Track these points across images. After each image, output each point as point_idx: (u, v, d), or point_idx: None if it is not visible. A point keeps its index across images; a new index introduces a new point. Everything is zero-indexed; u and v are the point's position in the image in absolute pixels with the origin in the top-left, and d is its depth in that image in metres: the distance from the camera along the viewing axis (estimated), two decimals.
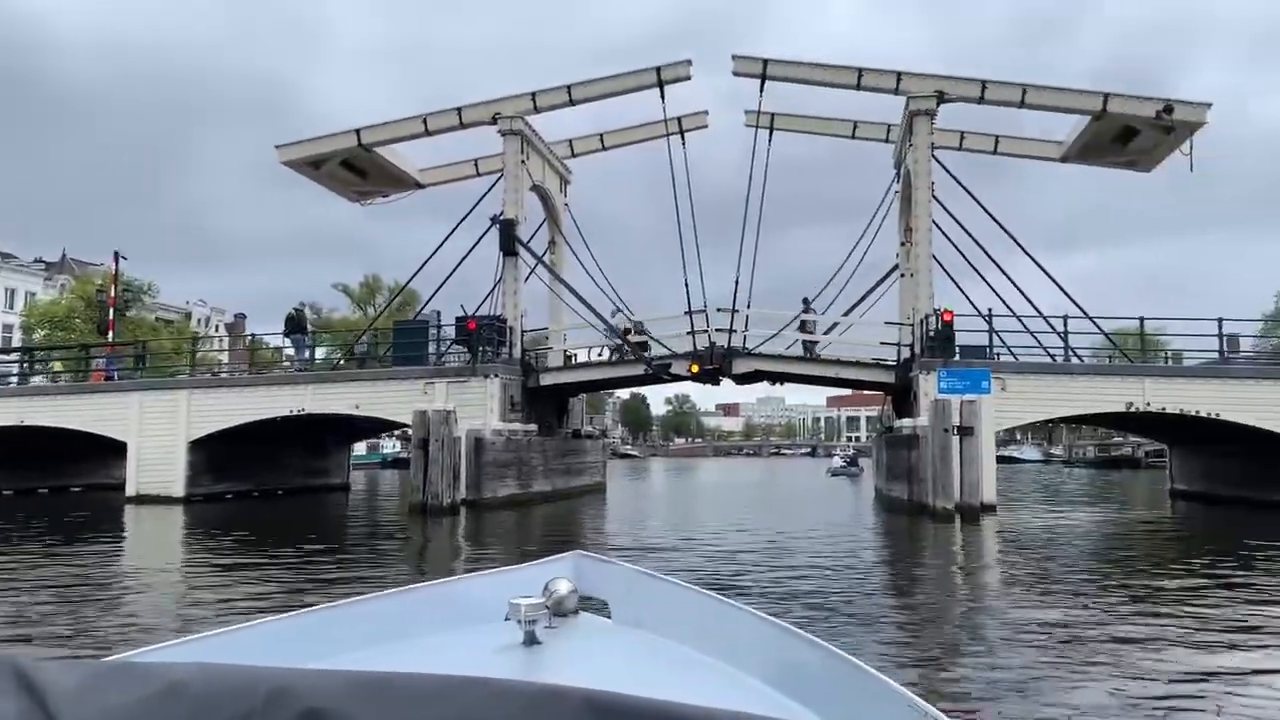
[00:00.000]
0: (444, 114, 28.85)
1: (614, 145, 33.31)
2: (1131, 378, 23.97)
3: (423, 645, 2.49)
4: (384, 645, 2.41)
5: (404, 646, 2.44)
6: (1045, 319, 25.67)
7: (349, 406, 26.84)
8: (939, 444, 20.74)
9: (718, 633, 2.50)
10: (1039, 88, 26.28)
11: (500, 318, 27.59)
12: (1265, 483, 25.23)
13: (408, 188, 33.16)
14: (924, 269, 26.13)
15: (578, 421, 33.68)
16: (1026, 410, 24.52)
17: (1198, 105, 25.66)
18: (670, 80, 27.99)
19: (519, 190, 28.32)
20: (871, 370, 27.49)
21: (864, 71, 27.17)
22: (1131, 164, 29.78)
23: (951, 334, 24.08)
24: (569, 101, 28.46)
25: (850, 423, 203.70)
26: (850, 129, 32.20)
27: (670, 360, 27.61)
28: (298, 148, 29.69)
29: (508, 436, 25.57)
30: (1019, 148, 30.85)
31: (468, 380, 25.87)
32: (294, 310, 28.63)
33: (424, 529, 20.92)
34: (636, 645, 2.63)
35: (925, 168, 26.45)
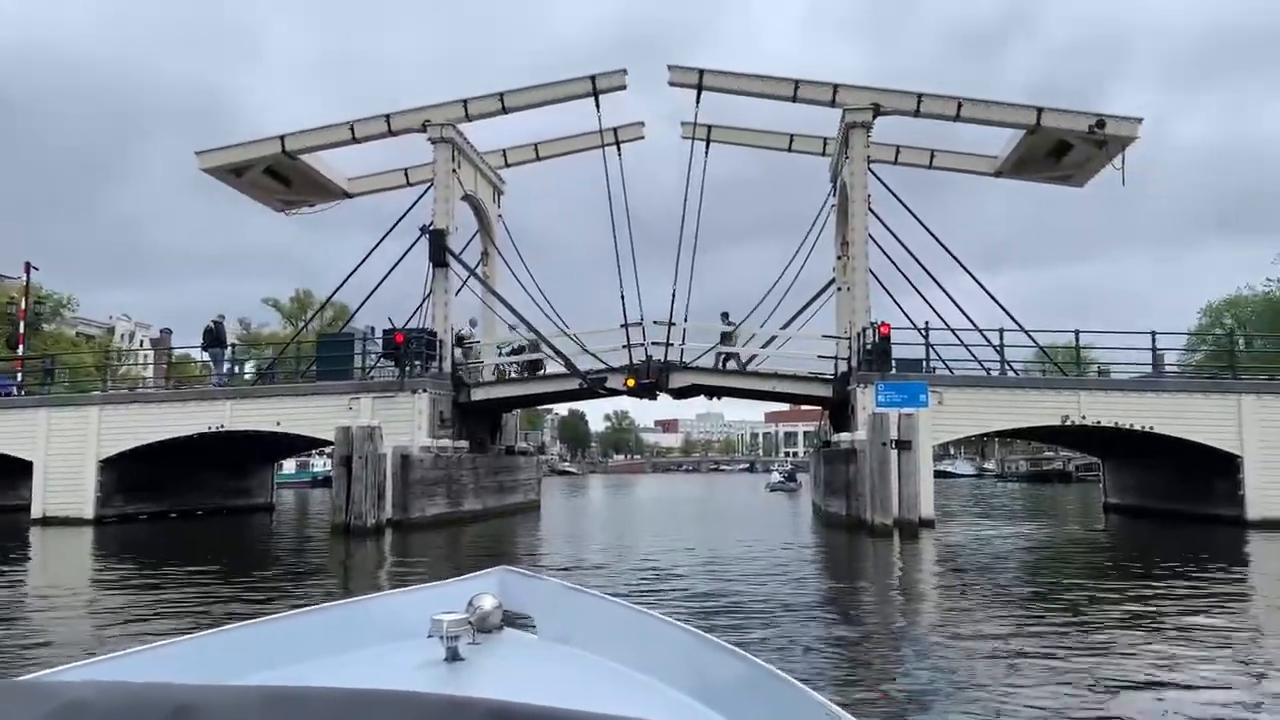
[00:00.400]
0: (372, 120, 28.00)
1: (549, 156, 32.69)
2: (1067, 391, 23.94)
3: (341, 662, 2.45)
4: (302, 663, 2.38)
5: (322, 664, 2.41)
6: (981, 332, 25.58)
7: (270, 423, 25.76)
8: (877, 458, 20.40)
9: (644, 647, 2.50)
10: (974, 101, 26.27)
11: (430, 331, 26.74)
12: (1196, 495, 25.38)
13: (335, 197, 32.16)
14: (860, 282, 25.90)
15: (511, 438, 32.87)
16: (963, 424, 24.36)
17: (1129, 120, 25.86)
18: (605, 89, 27.51)
19: (450, 200, 27.55)
20: (809, 384, 27.16)
21: (800, 84, 26.94)
22: (1065, 179, 29.97)
23: (888, 347, 23.84)
24: (501, 109, 27.80)
25: (788, 438, 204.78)
26: (787, 142, 31.99)
27: (606, 374, 26.99)
28: (219, 154, 28.59)
29: (436, 454, 24.71)
30: (954, 162, 30.89)
31: (395, 395, 24.98)
32: (212, 323, 27.43)
33: (346, 551, 19.99)
34: (560, 660, 2.63)
35: (861, 180, 26.27)
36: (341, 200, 32.37)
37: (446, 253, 27.08)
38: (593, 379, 26.69)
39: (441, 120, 27.56)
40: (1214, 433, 23.35)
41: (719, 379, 27.13)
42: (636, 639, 2.55)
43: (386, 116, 27.95)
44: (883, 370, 23.62)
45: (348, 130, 28.06)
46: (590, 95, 27.55)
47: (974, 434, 26.02)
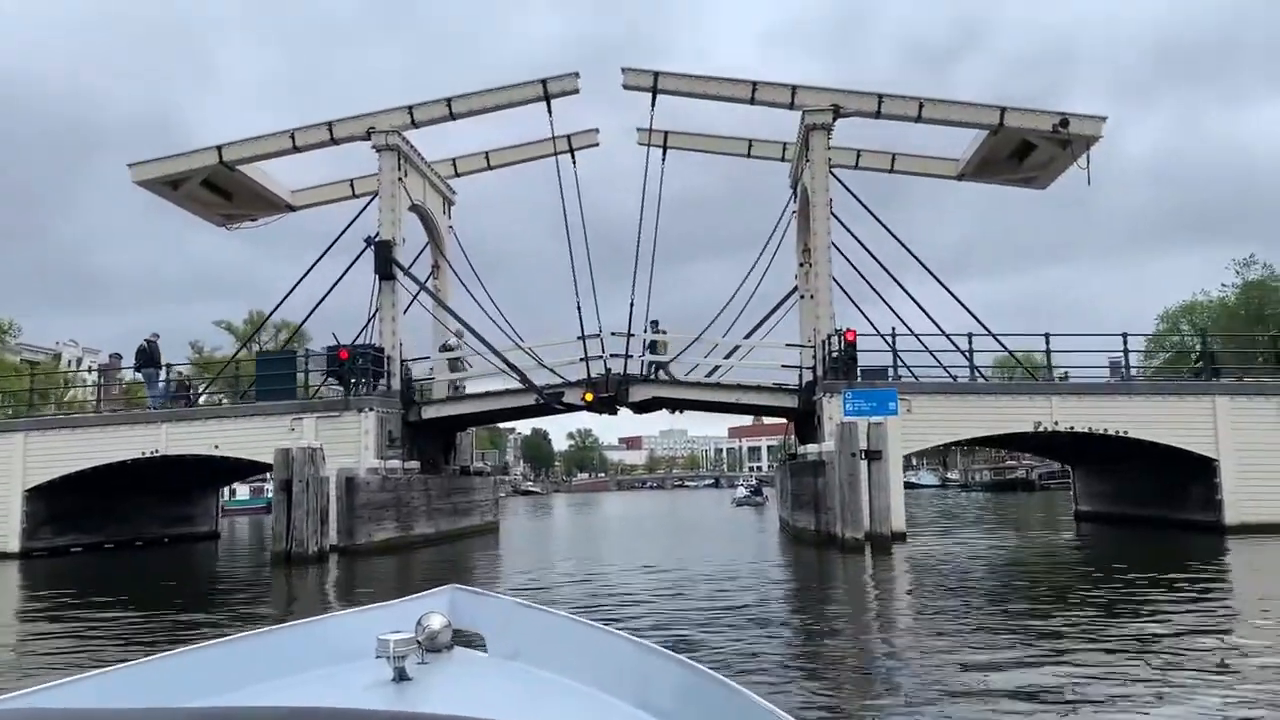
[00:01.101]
0: (314, 129, 26.81)
1: (501, 165, 31.62)
2: (1039, 397, 23.23)
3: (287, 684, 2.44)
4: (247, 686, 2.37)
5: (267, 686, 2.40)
6: (949, 338, 24.84)
7: (208, 447, 24.42)
8: (846, 469, 19.48)
9: (594, 661, 2.52)
10: (936, 101, 25.63)
11: (377, 347, 25.52)
12: (1171, 501, 24.76)
13: (278, 210, 30.86)
14: (824, 288, 25.08)
15: (467, 457, 31.64)
16: (933, 432, 23.55)
17: (1093, 119, 25.32)
18: (557, 94, 26.53)
19: (396, 210, 26.39)
20: (774, 395, 26.25)
21: (758, 85, 26.14)
22: (1028, 181, 29.41)
23: (855, 354, 23.04)
24: (449, 115, 26.72)
25: (752, 453, 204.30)
26: (745, 147, 31.21)
27: (563, 389, 25.91)
28: (153, 166, 27.22)
29: (384, 475, 23.46)
30: (916, 165, 30.25)
31: (340, 415, 23.75)
32: (145, 342, 25.97)
33: (287, 579, 18.76)
34: (509, 677, 2.64)
35: (823, 183, 25.49)
36: (285, 213, 31.07)
37: (393, 265, 25.90)
38: (549, 394, 25.59)
39: (386, 127, 26.44)
40: (1189, 436, 22.71)
41: (681, 391, 26.15)
42: (587, 653, 2.55)
43: (329, 124, 26.77)
44: (849, 378, 22.78)
45: (288, 139, 26.83)
46: (542, 100, 26.55)
47: (944, 443, 25.26)
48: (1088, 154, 25.64)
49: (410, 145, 27.60)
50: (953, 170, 29.65)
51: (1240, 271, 61.47)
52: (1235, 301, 61.40)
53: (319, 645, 2.65)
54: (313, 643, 2.65)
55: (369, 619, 2.78)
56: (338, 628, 2.76)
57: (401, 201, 26.87)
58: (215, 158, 26.94)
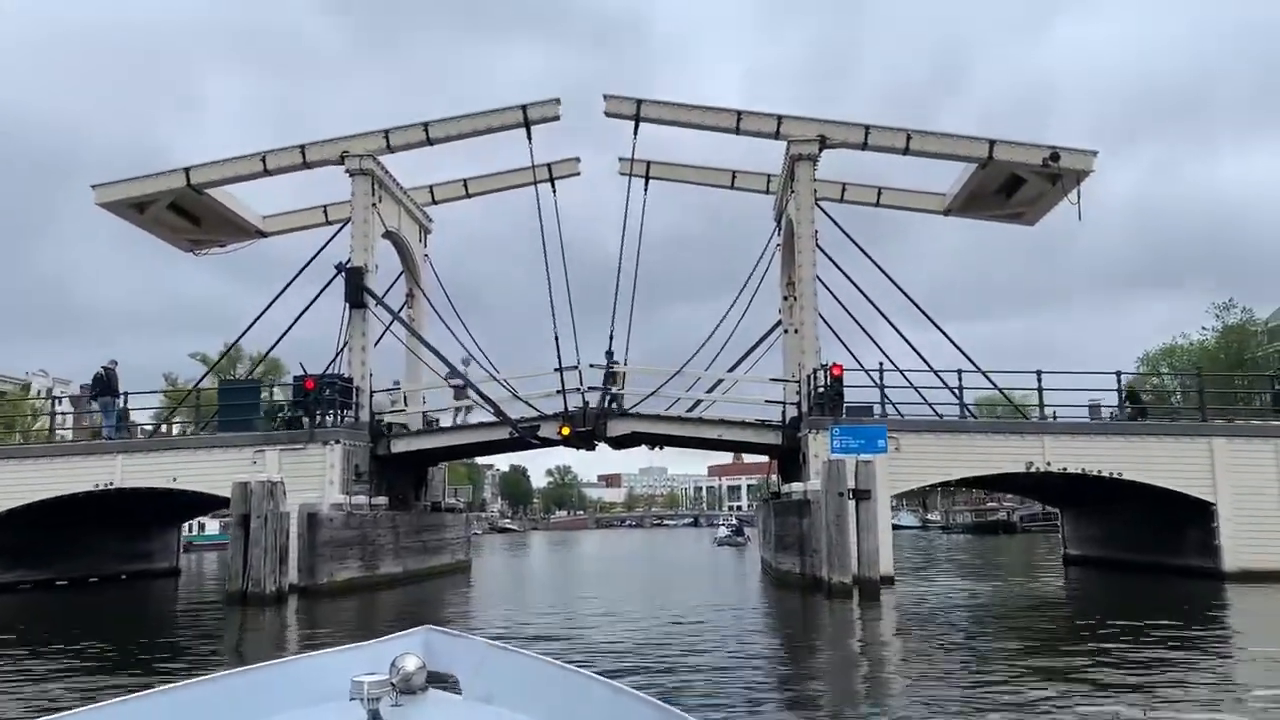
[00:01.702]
0: (285, 152, 25.95)
1: (480, 192, 30.84)
2: (1031, 436, 22.47)
3: None
4: None
5: None
6: (938, 374, 24.09)
7: (165, 480, 23.28)
8: (833, 510, 18.58)
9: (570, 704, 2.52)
10: (924, 133, 25.08)
11: (345, 377, 24.52)
12: (1166, 546, 23.99)
13: (248, 236, 29.93)
14: (809, 322, 24.32)
15: (438, 493, 30.54)
16: (922, 472, 22.72)
17: (1084, 153, 24.82)
18: (538, 120, 25.82)
19: (369, 235, 25.51)
20: (757, 431, 25.38)
21: (743, 115, 25.51)
22: (1016, 216, 28.87)
23: (841, 389, 22.23)
24: (426, 140, 25.94)
25: (732, 491, 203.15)
26: (729, 179, 30.56)
27: (538, 422, 24.96)
28: (117, 188, 26.27)
29: (349, 511, 22.39)
30: (902, 200, 29.66)
31: (304, 448, 22.70)
32: (102, 369, 24.83)
33: (241, 621, 17.66)
34: None
35: (808, 215, 24.83)
36: (255, 240, 30.15)
37: (364, 292, 24.98)
38: (524, 427, 24.63)
39: (361, 151, 25.62)
40: (1185, 479, 21.97)
41: (661, 426, 25.24)
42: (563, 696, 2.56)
43: (301, 147, 25.92)
44: (835, 414, 21.96)
45: (259, 162, 25.95)
46: (522, 126, 25.83)
47: (933, 483, 24.44)
48: (1078, 189, 25.13)
49: (385, 170, 26.79)
50: (939, 205, 29.10)
51: (1220, 315, 61.54)
52: (1215, 345, 61.28)
53: (292, 686, 2.63)
54: (286, 684, 2.63)
55: (343, 660, 2.76)
56: (311, 669, 2.74)
57: (375, 227, 26.01)
58: (183, 180, 26.04)
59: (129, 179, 26.27)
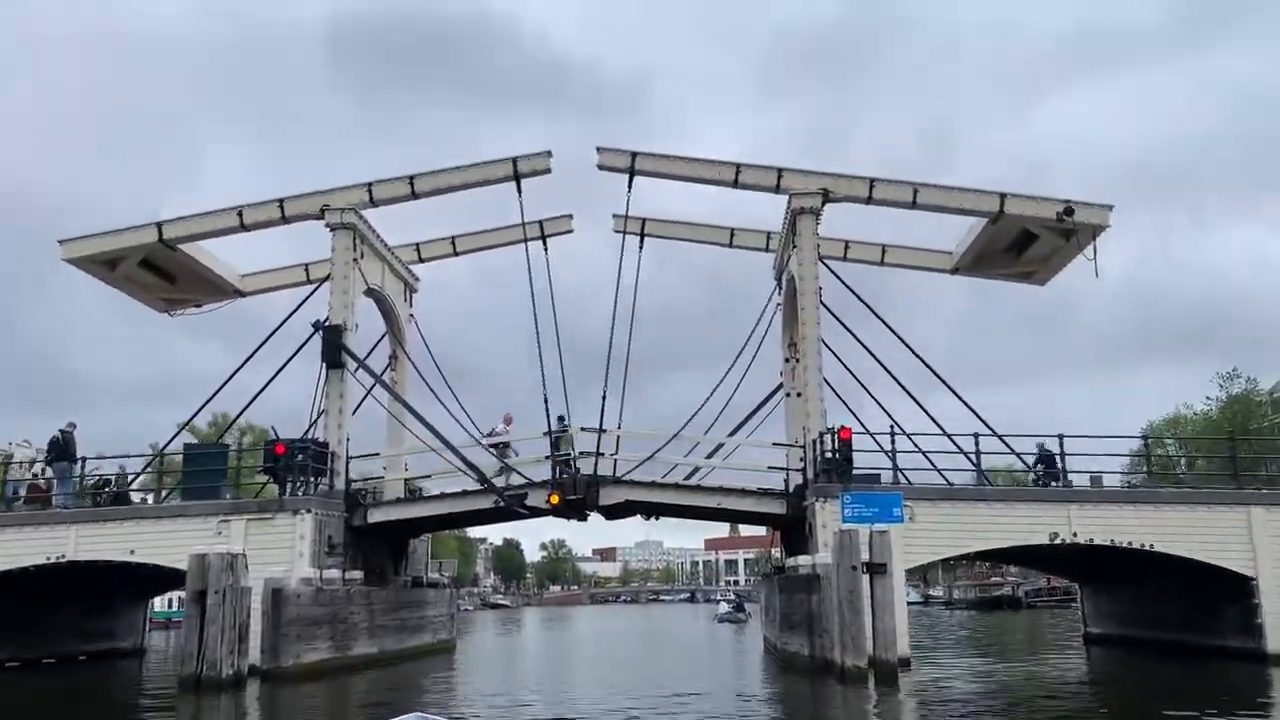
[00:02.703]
0: (263, 206, 24.77)
1: (468, 250, 29.62)
2: (1054, 505, 20.89)
3: None
4: None
5: None
6: (952, 439, 22.59)
7: (122, 552, 21.59)
8: (846, 585, 16.93)
9: None
10: (931, 186, 23.99)
11: (320, 442, 22.99)
12: (1200, 625, 22.28)
13: (226, 296, 28.60)
14: (813, 383, 22.92)
15: (420, 567, 28.75)
16: (939, 544, 21.07)
17: (1100, 207, 23.67)
18: (528, 173, 24.73)
19: (349, 292, 24.20)
20: (759, 499, 23.76)
21: (742, 167, 24.45)
22: (1027, 275, 27.66)
23: (850, 455, 20.72)
24: (410, 194, 24.80)
25: (729, 566, 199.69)
26: (727, 236, 29.37)
27: (526, 490, 23.36)
28: (85, 243, 24.99)
29: (319, 587, 20.66)
30: (907, 258, 28.46)
31: (273, 517, 21.09)
32: (59, 432, 23.27)
33: (194, 712, 15.87)
34: None
35: (811, 271, 23.59)
36: (233, 299, 28.82)
37: (342, 351, 23.57)
38: (510, 496, 23.03)
39: (342, 204, 24.44)
40: (1222, 551, 20.37)
41: (657, 494, 23.66)
42: None
43: (280, 201, 24.76)
44: (844, 481, 20.44)
45: (235, 216, 24.75)
46: (511, 179, 24.73)
47: (949, 556, 22.81)
48: (1094, 244, 23.95)
49: (368, 225, 25.60)
50: (947, 263, 27.90)
51: (1224, 385, 60.36)
52: (1220, 415, 60.00)
53: None
54: None
55: None
56: None
57: (355, 284, 24.72)
58: (154, 235, 24.78)
59: (98, 234, 25.02)
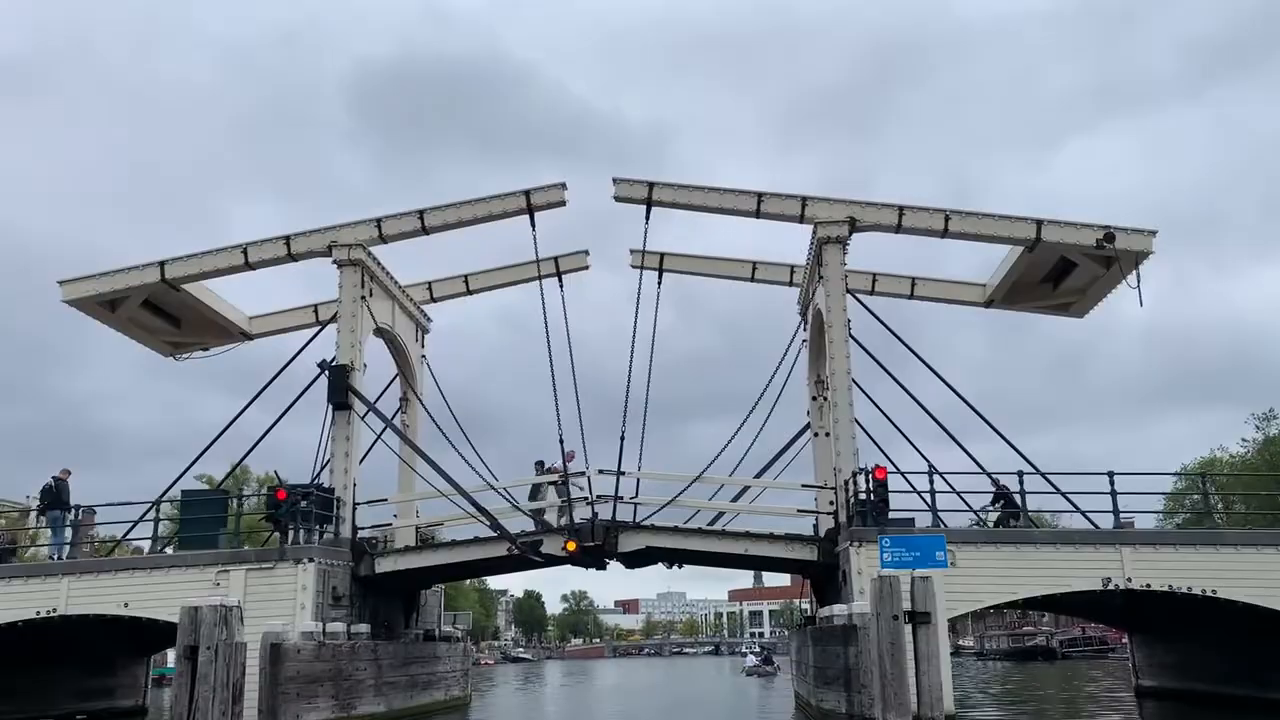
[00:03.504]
0: (269, 243, 23.96)
1: (481, 289, 28.67)
2: (1106, 547, 19.46)
3: None
4: None
5: None
6: (992, 478, 21.24)
7: (115, 605, 20.50)
8: (887, 636, 15.53)
9: None
10: (964, 213, 22.89)
11: (325, 487, 21.89)
12: (1267, 676, 20.67)
13: (233, 339, 27.69)
14: (844, 419, 21.66)
15: (433, 619, 27.45)
16: (982, 591, 19.62)
17: (1142, 233, 22.46)
18: (542, 206, 23.84)
19: (356, 331, 23.25)
20: (788, 545, 22.40)
21: (765, 196, 23.45)
22: (1064, 307, 26.45)
23: (887, 495, 19.42)
24: (421, 229, 23.96)
25: (754, 617, 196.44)
26: (749, 270, 28.29)
27: (541, 536, 22.13)
28: (86, 283, 24.17)
29: (321, 641, 19.42)
30: (938, 290, 27.29)
31: (274, 567, 19.96)
32: (53, 479, 22.28)
33: None
34: None
35: (839, 303, 22.47)
36: (240, 342, 27.91)
37: (349, 393, 22.56)
38: (524, 543, 21.78)
39: (350, 241, 23.61)
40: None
41: (679, 540, 22.37)
42: None
43: (286, 238, 23.96)
44: (881, 524, 19.12)
45: (239, 255, 23.95)
46: (524, 212, 23.85)
47: (995, 604, 21.34)
48: (1138, 271, 22.74)
49: (378, 262, 24.74)
50: (980, 296, 26.72)
51: (1260, 426, 58.54)
52: (1257, 457, 58.14)
53: None
54: None
55: None
56: None
57: (364, 323, 23.77)
58: (157, 275, 23.97)
59: (98, 274, 24.20)
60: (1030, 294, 26.12)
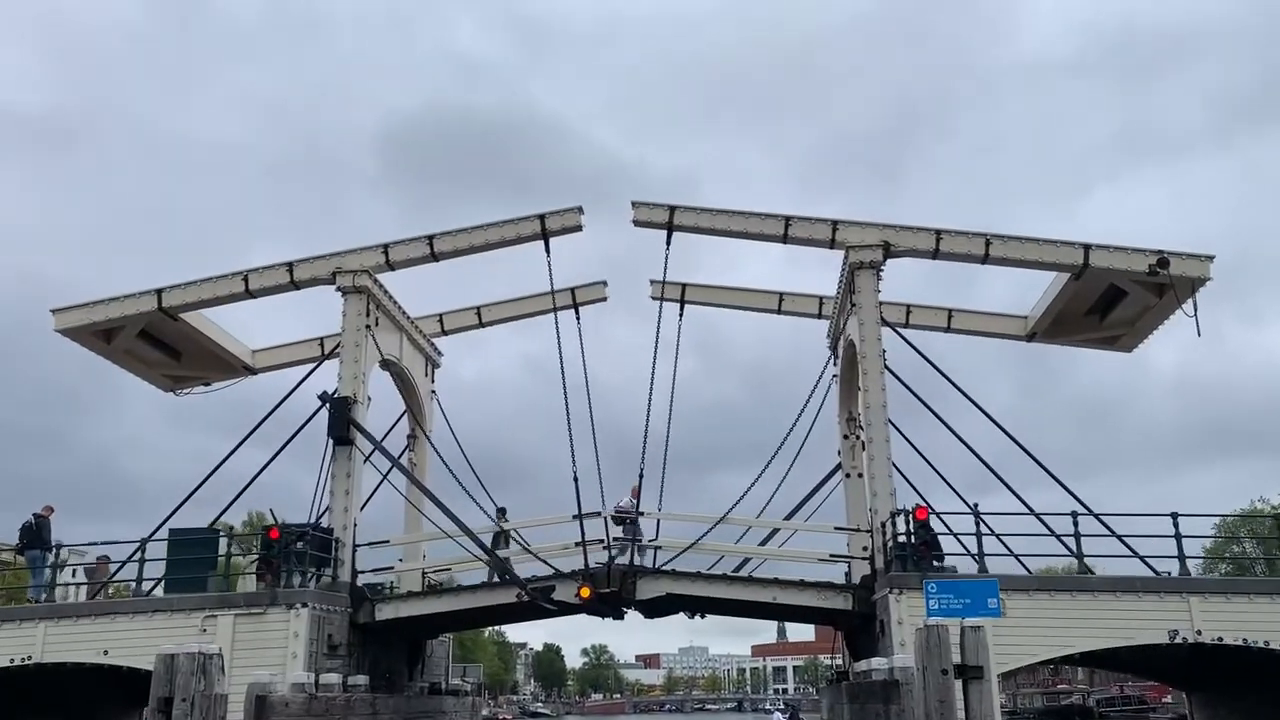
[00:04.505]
0: (270, 270, 22.85)
1: (494, 321, 27.38)
2: (1173, 596, 17.70)
3: None
4: None
5: None
6: (1041, 520, 19.52)
7: (94, 653, 19.04)
8: (935, 694, 13.83)
9: None
10: (1006, 238, 21.48)
11: (323, 528, 20.49)
12: None
13: (236, 373, 26.48)
14: (880, 456, 20.11)
15: (439, 672, 25.78)
16: (1034, 644, 17.83)
17: (1198, 258, 20.96)
18: (557, 231, 22.66)
19: (360, 362, 21.97)
20: (820, 593, 20.73)
21: (792, 220, 22.16)
22: (1111, 341, 24.92)
23: (931, 537, 17.81)
24: (430, 255, 22.79)
25: (777, 673, 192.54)
26: (775, 302, 26.90)
27: (553, 582, 20.56)
28: (79, 312, 23.01)
29: (313, 694, 17.86)
30: (977, 323, 25.76)
31: (264, 612, 18.50)
32: (34, 516, 20.96)
33: None
34: None
35: (874, 332, 21.06)
36: (244, 376, 26.71)
37: (350, 426, 21.22)
38: (534, 589, 20.20)
39: (356, 267, 22.44)
40: None
41: (702, 587, 20.75)
42: None
43: (289, 265, 22.81)
44: (922, 568, 17.51)
45: (240, 282, 22.79)
46: (539, 238, 22.65)
47: (1048, 659, 19.52)
48: (1194, 299, 21.19)
49: (384, 291, 23.55)
50: (1021, 329, 25.19)
51: None
52: None
53: None
54: None
55: None
56: None
57: (369, 354, 22.52)
58: (154, 303, 22.80)
59: (92, 302, 23.09)
60: (1075, 326, 24.60)
